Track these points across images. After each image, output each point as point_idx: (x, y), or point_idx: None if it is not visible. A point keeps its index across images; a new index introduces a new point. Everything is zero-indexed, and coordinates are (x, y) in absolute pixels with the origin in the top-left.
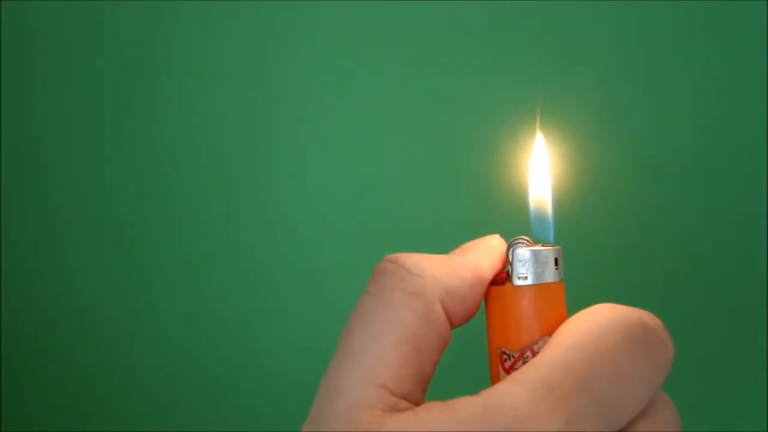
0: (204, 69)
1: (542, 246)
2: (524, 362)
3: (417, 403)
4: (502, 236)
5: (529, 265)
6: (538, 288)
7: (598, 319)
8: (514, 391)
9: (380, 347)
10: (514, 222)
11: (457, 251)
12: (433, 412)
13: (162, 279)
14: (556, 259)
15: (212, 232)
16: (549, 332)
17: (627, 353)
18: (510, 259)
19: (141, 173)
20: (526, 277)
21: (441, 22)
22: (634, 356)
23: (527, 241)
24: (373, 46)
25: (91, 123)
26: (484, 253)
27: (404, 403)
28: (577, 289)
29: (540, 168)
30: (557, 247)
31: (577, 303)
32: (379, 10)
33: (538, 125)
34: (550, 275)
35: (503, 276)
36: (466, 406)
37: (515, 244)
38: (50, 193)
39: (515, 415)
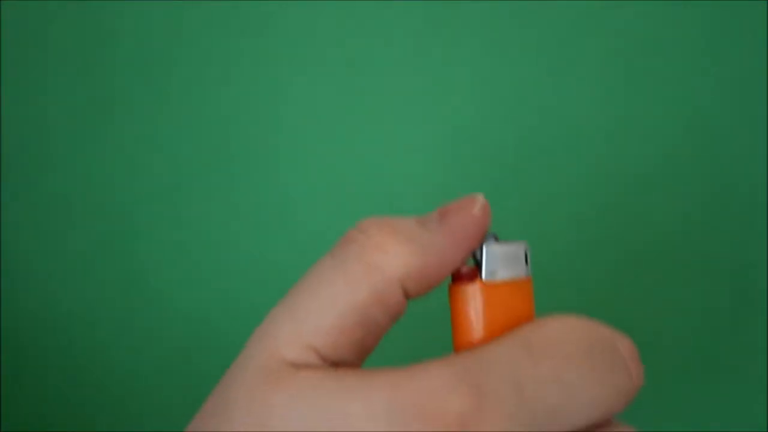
0: (204, 68)
1: (510, 241)
2: None
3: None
4: (486, 198)
5: (500, 261)
6: (510, 284)
7: (561, 326)
8: (435, 367)
9: (324, 311)
10: (514, 222)
11: (435, 215)
12: (350, 372)
13: (162, 279)
14: (525, 254)
15: (212, 232)
16: None
17: (578, 365)
18: (479, 256)
19: (141, 173)
20: (497, 273)
21: (441, 22)
22: (587, 371)
23: (494, 235)
24: (374, 45)
25: (92, 122)
26: (462, 224)
27: (332, 367)
28: (576, 288)
29: None
30: (525, 241)
31: (578, 304)
32: (380, 9)
33: None
34: (521, 270)
35: (469, 272)
36: (385, 373)
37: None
38: (50, 192)
39: (420, 387)
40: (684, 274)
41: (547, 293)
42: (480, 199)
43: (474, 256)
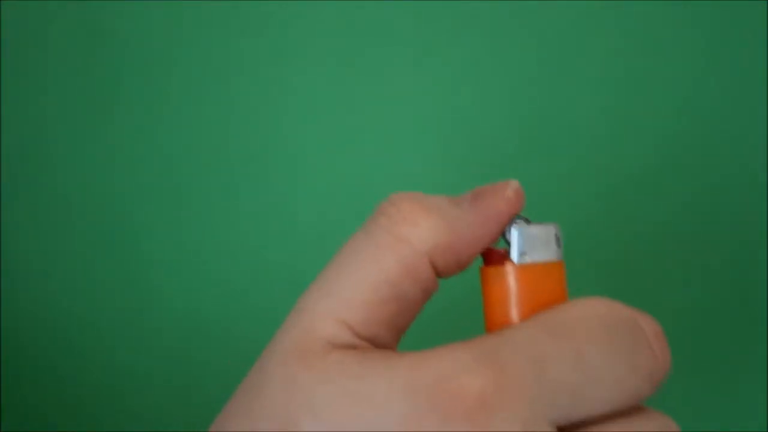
0: (204, 68)
1: (541, 223)
2: None
3: (386, 348)
4: (520, 184)
5: (531, 243)
6: (542, 267)
7: (583, 307)
8: (458, 350)
9: (356, 285)
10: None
11: (469, 195)
12: (377, 355)
13: (162, 279)
14: (556, 236)
15: (213, 232)
16: None
17: (600, 345)
18: (508, 238)
19: (141, 173)
20: (527, 256)
21: (441, 22)
22: (609, 351)
23: (524, 219)
24: (373, 45)
25: (92, 122)
26: (493, 205)
27: (365, 345)
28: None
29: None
30: (556, 223)
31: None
32: (380, 9)
33: None
34: (552, 253)
35: (500, 254)
36: (408, 356)
37: (513, 222)
38: (50, 192)
39: (439, 367)
40: (683, 274)
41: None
42: (514, 183)
43: (504, 237)
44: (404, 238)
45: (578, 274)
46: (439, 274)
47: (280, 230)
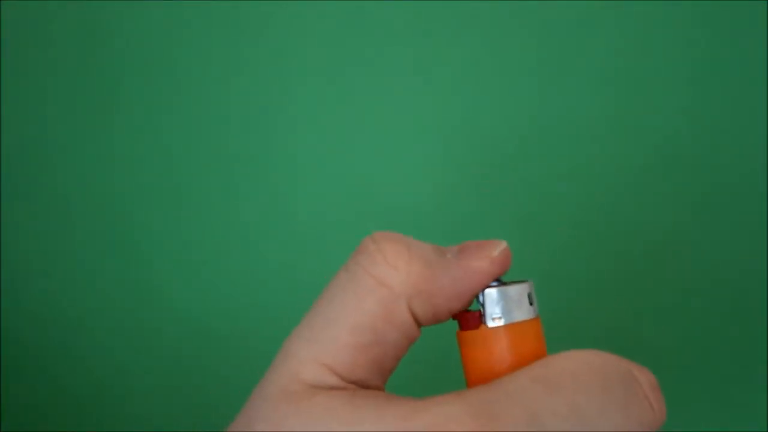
0: (204, 68)
1: (513, 283)
2: None
3: (374, 389)
4: (509, 247)
5: (502, 305)
6: (515, 327)
7: (578, 359)
8: (450, 402)
9: (336, 330)
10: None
11: (454, 249)
12: (367, 400)
13: (162, 279)
14: (529, 295)
15: (212, 231)
16: None
17: (595, 398)
18: (481, 301)
19: (141, 173)
20: (501, 318)
21: (441, 22)
22: (604, 404)
23: (497, 279)
24: (372, 46)
25: (92, 122)
26: (478, 261)
27: (351, 387)
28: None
29: None
30: (529, 281)
31: (577, 304)
32: (380, 9)
33: None
34: (525, 313)
35: (474, 317)
36: (400, 404)
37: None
38: (50, 192)
39: (433, 421)
40: (683, 274)
41: (545, 294)
42: (502, 244)
43: (478, 299)
44: (385, 281)
45: (578, 275)
46: (417, 320)
47: (279, 230)
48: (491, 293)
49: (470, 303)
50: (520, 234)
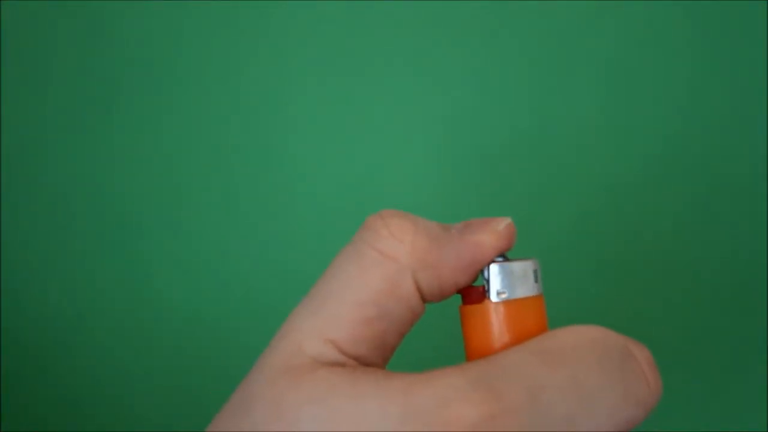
0: (204, 68)
1: (518, 259)
2: None
3: (374, 366)
4: (513, 222)
5: (508, 280)
6: (519, 303)
7: (576, 334)
8: (450, 375)
9: (340, 303)
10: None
11: (459, 225)
12: (367, 375)
13: (162, 279)
14: (535, 272)
15: (213, 232)
16: None
17: (594, 373)
18: (486, 275)
19: (141, 173)
20: (505, 293)
21: (441, 22)
22: (603, 378)
23: (503, 255)
24: (372, 45)
25: (92, 122)
26: (482, 236)
27: (352, 363)
28: (574, 287)
29: None
30: (534, 259)
31: (577, 303)
32: (380, 9)
33: None
34: (530, 289)
35: (479, 292)
36: (400, 378)
37: (492, 259)
38: (50, 192)
39: (434, 394)
40: (683, 274)
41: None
42: (507, 219)
43: (483, 275)
44: (390, 254)
45: (579, 273)
46: (422, 294)
47: (279, 230)
48: (495, 268)
49: (475, 277)
50: (519, 234)
